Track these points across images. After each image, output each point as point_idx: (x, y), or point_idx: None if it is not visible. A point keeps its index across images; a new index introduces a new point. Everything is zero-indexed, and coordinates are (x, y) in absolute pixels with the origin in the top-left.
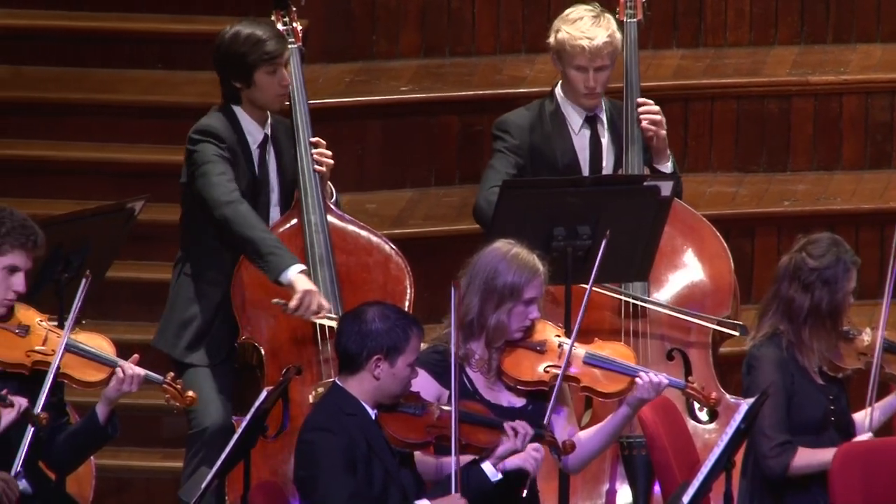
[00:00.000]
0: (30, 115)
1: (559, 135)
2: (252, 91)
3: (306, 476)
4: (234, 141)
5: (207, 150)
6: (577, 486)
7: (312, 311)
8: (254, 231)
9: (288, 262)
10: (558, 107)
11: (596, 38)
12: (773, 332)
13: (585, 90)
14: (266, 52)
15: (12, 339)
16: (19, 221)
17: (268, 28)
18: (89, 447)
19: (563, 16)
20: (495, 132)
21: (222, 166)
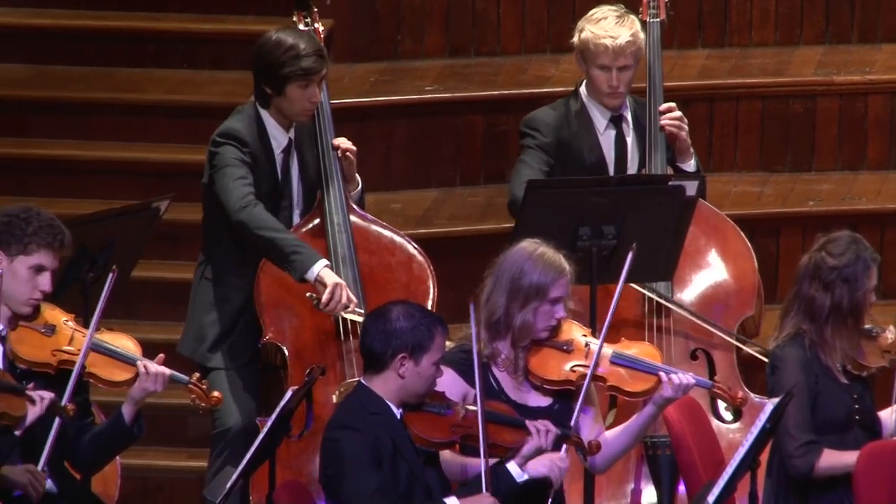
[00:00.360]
0: (55, 115)
1: (585, 134)
2: (281, 100)
3: (332, 474)
4: (258, 145)
5: (227, 154)
6: (602, 486)
7: (343, 305)
8: (273, 232)
9: (312, 259)
10: (583, 106)
11: (619, 38)
12: (796, 332)
13: (608, 89)
14: (302, 69)
15: (38, 339)
16: (46, 221)
17: (311, 43)
18: (115, 447)
19: (587, 16)
20: (524, 129)
21: (241, 170)
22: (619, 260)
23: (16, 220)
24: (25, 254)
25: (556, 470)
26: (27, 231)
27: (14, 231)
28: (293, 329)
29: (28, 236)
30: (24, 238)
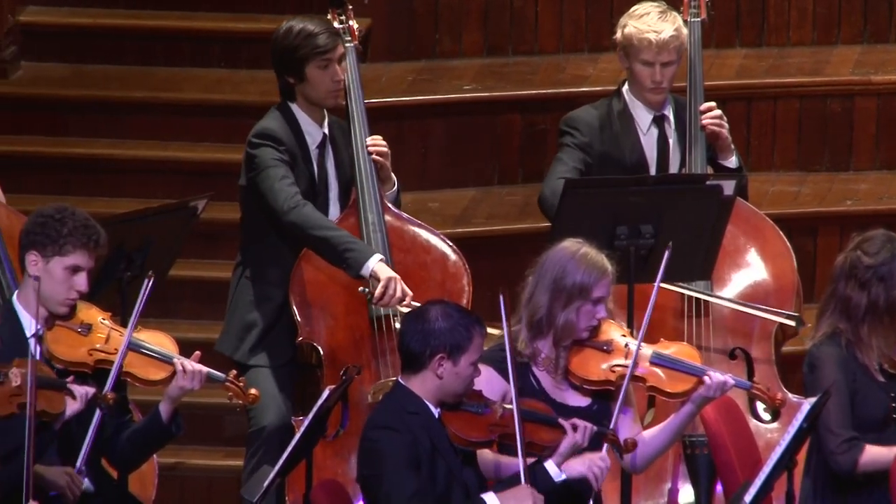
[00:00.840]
0: (93, 114)
1: (627, 134)
2: (305, 86)
3: (370, 475)
4: (293, 142)
5: (266, 155)
6: (639, 485)
7: (398, 299)
8: (324, 231)
9: (366, 254)
10: (626, 106)
11: (663, 32)
12: (833, 332)
13: (651, 84)
14: (317, 46)
15: (75, 338)
16: (81, 221)
17: (320, 23)
18: (152, 445)
19: (629, 12)
20: (564, 128)
21: (282, 170)
22: (656, 259)
23: (51, 220)
24: (61, 254)
25: (595, 469)
26: (62, 232)
27: (49, 232)
28: (328, 328)
29: (63, 237)
30: (59, 239)
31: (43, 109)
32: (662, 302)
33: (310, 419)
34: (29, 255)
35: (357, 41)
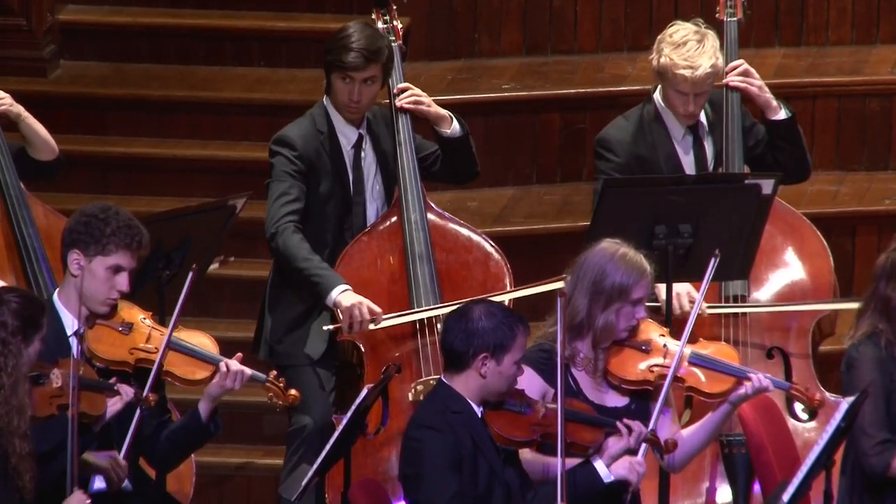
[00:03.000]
0: (133, 112)
1: (662, 143)
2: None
3: (411, 474)
4: (316, 148)
5: (278, 165)
6: (677, 485)
7: (367, 322)
8: (296, 262)
9: (328, 286)
10: (659, 114)
11: (699, 69)
12: (872, 332)
13: (683, 111)
14: (341, 61)
15: (116, 337)
16: (124, 222)
17: (364, 40)
18: (191, 445)
19: (668, 35)
20: (599, 150)
21: (285, 184)
22: (695, 258)
23: (94, 220)
24: (104, 254)
25: (635, 474)
26: (106, 232)
27: (93, 232)
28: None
29: (107, 237)
30: (102, 239)
31: (82, 108)
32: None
33: (348, 417)
34: (71, 253)
35: (401, 40)
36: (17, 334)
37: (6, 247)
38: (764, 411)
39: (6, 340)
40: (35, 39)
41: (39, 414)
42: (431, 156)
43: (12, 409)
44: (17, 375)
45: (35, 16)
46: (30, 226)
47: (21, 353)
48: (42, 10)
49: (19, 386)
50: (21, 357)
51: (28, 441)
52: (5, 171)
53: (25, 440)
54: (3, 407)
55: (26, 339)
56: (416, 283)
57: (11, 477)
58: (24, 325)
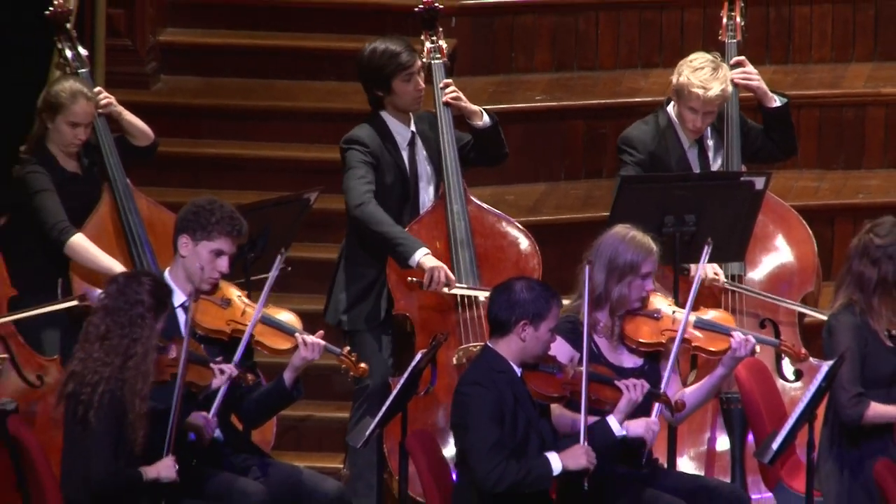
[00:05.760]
0: (222, 120)
1: (674, 148)
2: (393, 97)
3: (460, 423)
4: (380, 145)
5: (352, 157)
6: (683, 435)
7: (443, 283)
8: (381, 227)
9: (413, 247)
10: (671, 124)
11: (711, 91)
12: (848, 302)
13: (692, 127)
14: (400, 64)
15: (216, 311)
16: (228, 213)
17: (400, 42)
18: (276, 407)
19: (688, 60)
20: (622, 147)
21: (361, 170)
22: (697, 244)
23: (202, 210)
24: (208, 239)
25: (651, 433)
26: (211, 220)
27: (200, 220)
28: (419, 301)
29: (212, 224)
30: (208, 226)
31: (179, 116)
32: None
33: (405, 378)
34: (181, 237)
35: (445, 58)
36: (151, 310)
37: (115, 234)
38: (756, 372)
39: (143, 315)
40: (139, 57)
41: (156, 379)
42: (467, 146)
43: (139, 373)
44: (148, 346)
45: (139, 38)
46: (135, 216)
47: (153, 327)
48: (145, 32)
49: (148, 355)
50: (153, 330)
51: (146, 402)
52: (115, 170)
53: (145, 401)
54: (133, 371)
55: (157, 315)
56: (458, 264)
57: (127, 431)
58: (156, 303)
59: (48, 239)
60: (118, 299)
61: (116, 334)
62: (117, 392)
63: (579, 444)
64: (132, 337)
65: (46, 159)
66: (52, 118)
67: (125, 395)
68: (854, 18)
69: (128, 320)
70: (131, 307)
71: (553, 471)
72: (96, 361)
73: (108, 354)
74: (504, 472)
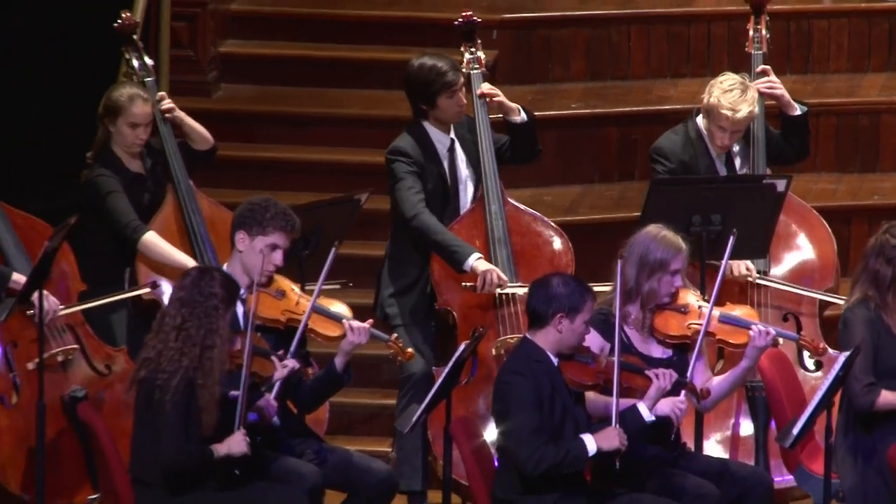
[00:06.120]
0: (277, 126)
1: (702, 156)
2: (435, 111)
3: (500, 409)
4: (421, 154)
5: (399, 168)
6: (710, 421)
7: (496, 285)
8: (437, 236)
9: (466, 253)
10: (700, 135)
11: (739, 113)
12: (863, 297)
13: (720, 144)
14: (446, 82)
15: (272, 301)
16: (282, 210)
17: (446, 60)
18: (329, 391)
19: (719, 81)
20: (655, 157)
21: (410, 180)
22: (723, 242)
23: (258, 207)
24: (264, 234)
25: (677, 411)
26: (266, 216)
27: (256, 216)
28: (461, 297)
29: (267, 220)
30: (263, 221)
31: (238, 122)
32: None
33: (448, 368)
34: (238, 233)
35: (483, 68)
36: (223, 302)
37: (179, 231)
38: (778, 363)
39: (217, 306)
40: (201, 67)
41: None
42: (504, 146)
43: (215, 361)
44: (224, 336)
45: (201, 49)
46: (197, 215)
47: (225, 318)
48: (206, 44)
49: (225, 345)
50: (225, 321)
51: (219, 387)
52: (178, 172)
53: (218, 386)
54: (210, 360)
55: (227, 307)
56: (496, 261)
57: (198, 416)
58: (227, 295)
59: (122, 237)
60: (193, 292)
61: (193, 325)
62: (195, 379)
63: (612, 427)
64: (208, 328)
65: (111, 162)
66: (114, 121)
67: (201, 381)
68: (869, 32)
69: (203, 312)
70: (206, 299)
71: (588, 451)
72: (173, 350)
73: (186, 344)
74: (543, 455)
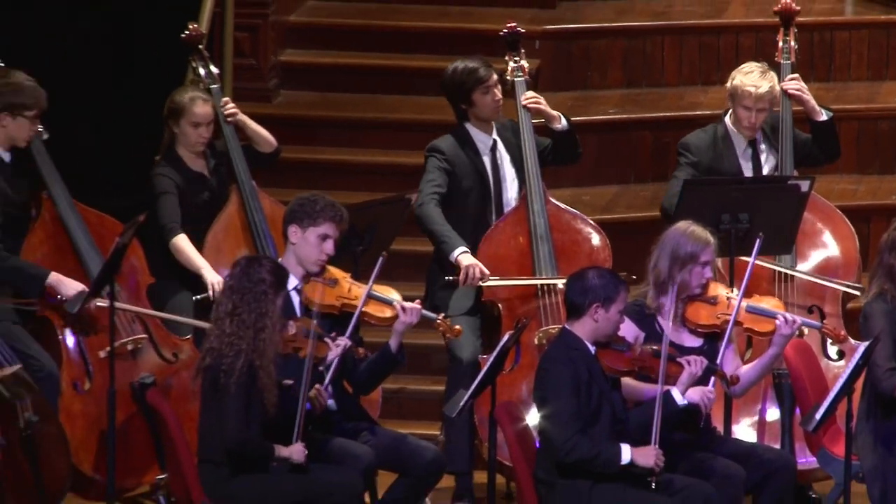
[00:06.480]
0: (335, 129)
1: (728, 154)
2: (474, 109)
3: (541, 395)
4: (459, 153)
5: (430, 163)
6: (738, 406)
7: (478, 279)
8: (432, 226)
9: (452, 246)
10: (727, 132)
11: (760, 88)
12: (880, 291)
13: (748, 124)
14: (478, 78)
15: (326, 290)
16: (329, 202)
17: (478, 59)
18: (384, 372)
19: (739, 68)
20: (680, 150)
21: (433, 174)
22: (750, 239)
23: (307, 201)
24: (314, 225)
25: (706, 399)
26: (315, 209)
27: (306, 209)
28: (505, 290)
29: (316, 212)
30: (313, 213)
31: (297, 126)
32: (759, 272)
33: (493, 356)
34: (290, 227)
35: (527, 76)
36: (272, 287)
37: (242, 228)
38: (803, 353)
39: (266, 291)
40: (262, 75)
41: (281, 352)
42: (546, 149)
43: (268, 344)
44: (275, 319)
45: (262, 57)
46: (259, 212)
47: (275, 303)
48: (267, 53)
49: (276, 327)
50: (275, 305)
51: (275, 369)
52: (242, 173)
53: (273, 366)
54: (264, 343)
55: (276, 292)
56: (539, 256)
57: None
58: (276, 280)
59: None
60: (242, 279)
61: (245, 310)
62: (254, 361)
63: (652, 446)
64: (259, 312)
65: (174, 161)
66: (177, 122)
67: (259, 364)
68: (888, 42)
69: (253, 297)
70: (255, 285)
71: (622, 460)
72: (230, 336)
73: (240, 328)
74: (577, 445)
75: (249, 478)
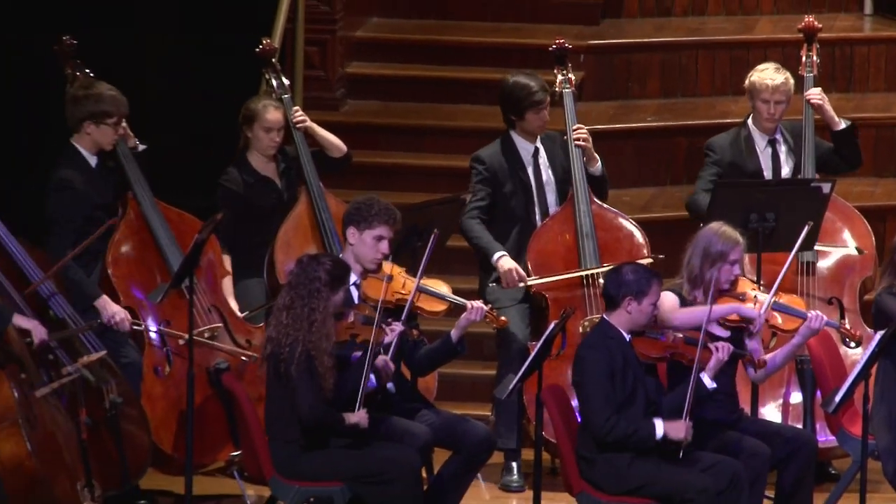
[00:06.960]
0: (396, 135)
1: (749, 153)
2: (522, 123)
3: (578, 381)
4: (501, 161)
5: (473, 174)
6: (764, 390)
7: (516, 283)
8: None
9: (492, 251)
10: (749, 133)
11: (776, 80)
12: (890, 285)
13: (767, 116)
14: (535, 101)
15: (381, 285)
16: (384, 205)
17: (537, 80)
18: (443, 360)
19: (756, 68)
20: (706, 150)
21: (476, 188)
22: (776, 236)
23: (363, 205)
24: (370, 228)
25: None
26: (371, 212)
27: (362, 212)
28: (552, 283)
29: (372, 215)
30: (368, 217)
31: (362, 133)
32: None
33: (541, 343)
34: (348, 229)
35: (574, 87)
36: (326, 285)
37: (311, 227)
38: (824, 342)
39: (319, 289)
40: (330, 85)
41: (337, 339)
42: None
43: (322, 335)
44: (326, 313)
45: (330, 69)
46: (326, 212)
47: (329, 298)
48: (335, 65)
49: (328, 320)
50: (329, 301)
51: (331, 357)
52: (310, 176)
53: (330, 357)
54: (317, 334)
55: (333, 289)
56: (584, 252)
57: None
58: (332, 279)
59: None
60: (299, 276)
61: (299, 305)
62: (310, 350)
63: (682, 421)
64: (310, 306)
65: (244, 165)
66: (251, 127)
67: (314, 352)
68: None
69: (307, 293)
70: (310, 282)
71: (657, 435)
72: (287, 327)
73: (295, 321)
74: (615, 426)
75: (316, 454)
